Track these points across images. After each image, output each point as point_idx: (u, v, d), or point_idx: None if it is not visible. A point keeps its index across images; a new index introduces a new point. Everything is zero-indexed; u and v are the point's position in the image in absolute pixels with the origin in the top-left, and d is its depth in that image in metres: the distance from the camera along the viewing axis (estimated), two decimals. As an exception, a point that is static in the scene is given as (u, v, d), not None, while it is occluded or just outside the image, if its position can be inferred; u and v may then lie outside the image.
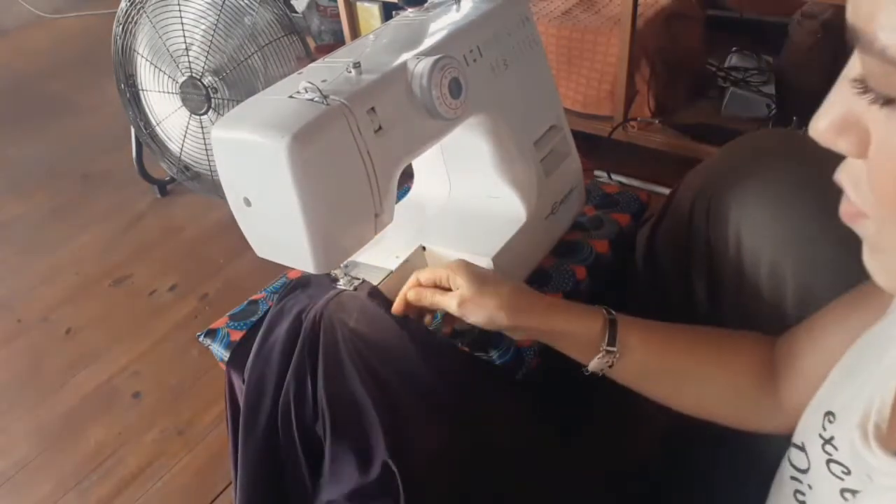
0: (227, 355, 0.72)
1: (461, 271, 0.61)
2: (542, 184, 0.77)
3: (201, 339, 0.78)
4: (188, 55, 1.27)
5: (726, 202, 0.65)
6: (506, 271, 0.72)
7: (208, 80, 1.28)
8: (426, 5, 0.74)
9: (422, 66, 0.58)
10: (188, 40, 1.26)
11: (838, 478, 0.41)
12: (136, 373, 1.22)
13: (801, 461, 0.46)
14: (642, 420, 0.78)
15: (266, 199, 0.56)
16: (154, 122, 1.45)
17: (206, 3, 1.22)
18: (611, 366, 0.59)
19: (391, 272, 0.70)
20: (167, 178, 1.68)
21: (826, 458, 0.42)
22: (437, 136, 0.64)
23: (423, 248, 0.75)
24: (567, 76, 1.47)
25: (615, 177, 1.50)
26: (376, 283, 0.67)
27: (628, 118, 1.43)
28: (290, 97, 0.55)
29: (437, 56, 0.59)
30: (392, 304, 0.65)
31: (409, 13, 0.73)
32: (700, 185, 0.69)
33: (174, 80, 1.33)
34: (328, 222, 0.56)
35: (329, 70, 0.60)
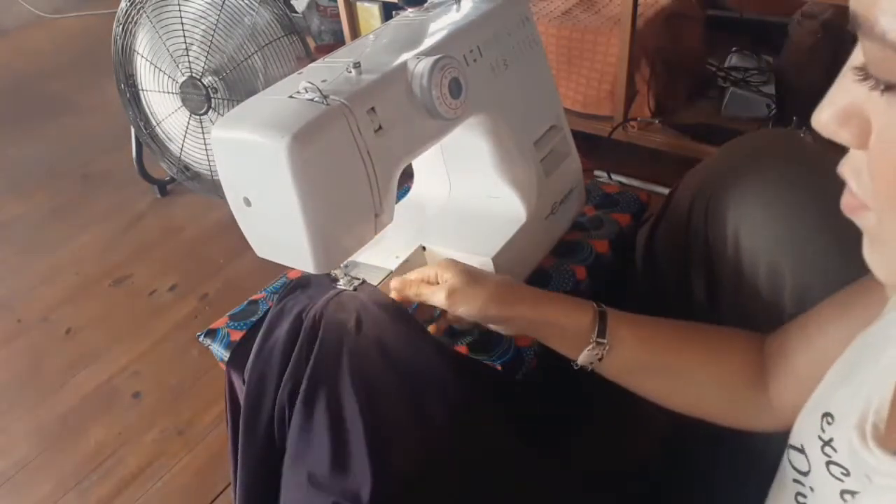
0: (227, 355, 0.72)
1: (449, 266, 0.61)
2: (542, 184, 0.77)
3: (201, 339, 0.78)
4: (188, 55, 1.27)
5: (725, 202, 0.65)
6: (506, 271, 0.72)
7: (208, 80, 1.28)
8: (426, 5, 0.74)
9: (422, 66, 0.58)
10: (188, 40, 1.26)
11: (838, 479, 0.41)
12: (136, 373, 1.22)
13: (801, 463, 0.46)
14: (642, 420, 0.78)
15: (266, 199, 0.56)
16: (154, 122, 1.45)
17: (206, 3, 1.22)
18: (600, 359, 0.59)
19: (391, 272, 0.70)
20: (167, 178, 1.68)
21: (826, 459, 0.42)
22: (437, 136, 0.64)
23: (423, 248, 0.75)
24: (567, 76, 1.47)
25: (615, 177, 1.50)
26: (376, 283, 0.67)
27: (628, 118, 1.43)
28: (290, 97, 0.55)
29: (437, 56, 0.59)
30: (392, 305, 0.65)
31: (409, 13, 0.73)
32: (699, 185, 0.69)
33: (174, 80, 1.33)
34: (328, 222, 0.56)
35: (329, 70, 0.60)
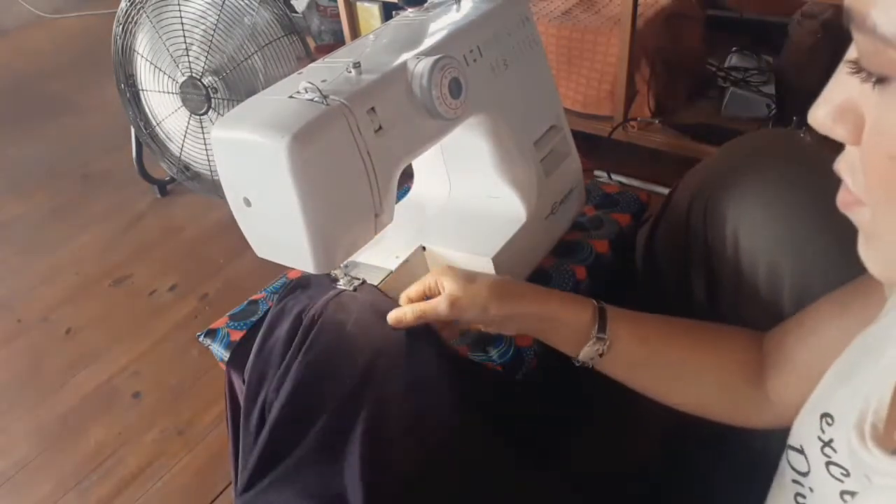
0: (227, 355, 0.72)
1: (446, 273, 0.61)
2: (542, 184, 0.77)
3: (201, 339, 0.78)
4: (188, 55, 1.27)
5: (724, 202, 0.65)
6: (506, 271, 0.72)
7: (208, 80, 1.28)
8: (426, 5, 0.74)
9: (422, 66, 0.58)
10: (188, 40, 1.26)
11: (838, 480, 0.41)
12: (136, 373, 1.22)
13: (801, 464, 0.46)
14: (642, 420, 0.78)
15: (266, 199, 0.56)
16: (154, 122, 1.45)
17: (206, 3, 1.22)
18: (601, 355, 0.59)
19: (391, 272, 0.70)
20: (167, 178, 1.68)
21: (825, 460, 0.42)
22: (437, 136, 0.64)
23: (423, 248, 0.75)
24: (567, 76, 1.47)
25: (615, 177, 1.50)
26: (376, 284, 0.67)
27: (628, 118, 1.43)
28: (290, 97, 0.55)
29: (437, 56, 0.59)
30: (392, 305, 0.64)
31: (409, 13, 0.73)
32: (698, 185, 0.69)
33: (174, 80, 1.33)
34: (328, 222, 0.56)
35: (329, 70, 0.60)
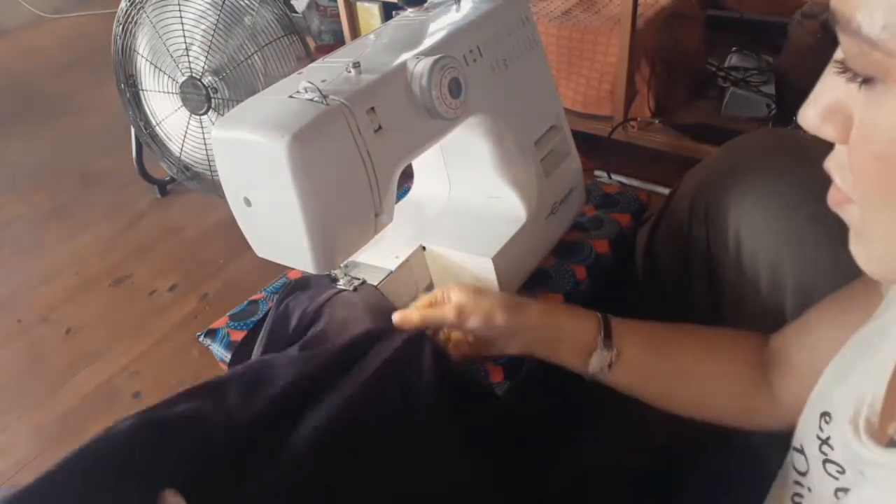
0: (227, 355, 0.73)
1: (454, 286, 0.61)
2: (542, 184, 0.77)
3: (201, 339, 0.78)
4: (188, 55, 1.27)
5: (725, 202, 0.65)
6: (506, 271, 0.72)
7: (208, 80, 1.28)
8: (426, 5, 0.74)
9: (422, 66, 0.58)
10: (188, 40, 1.26)
11: (833, 477, 0.41)
12: (136, 373, 1.22)
13: (801, 464, 0.46)
14: (642, 421, 0.78)
15: (266, 199, 0.56)
16: (154, 122, 1.45)
17: (206, 3, 1.22)
18: (610, 366, 0.59)
19: (391, 272, 0.70)
20: (167, 178, 1.68)
21: (822, 458, 0.42)
22: (436, 136, 0.64)
23: (423, 248, 0.75)
24: (567, 76, 1.47)
25: (615, 177, 1.50)
26: (376, 284, 0.67)
27: (628, 118, 1.43)
28: (290, 97, 0.55)
29: (436, 56, 0.59)
30: (391, 307, 0.64)
31: (409, 13, 0.73)
32: (699, 185, 0.69)
33: (174, 80, 1.33)
34: (328, 222, 0.56)
35: (329, 70, 0.60)
